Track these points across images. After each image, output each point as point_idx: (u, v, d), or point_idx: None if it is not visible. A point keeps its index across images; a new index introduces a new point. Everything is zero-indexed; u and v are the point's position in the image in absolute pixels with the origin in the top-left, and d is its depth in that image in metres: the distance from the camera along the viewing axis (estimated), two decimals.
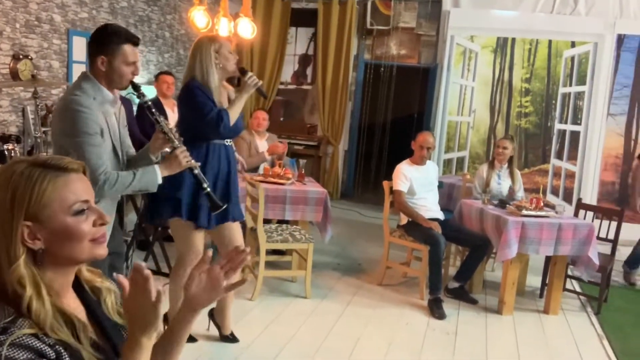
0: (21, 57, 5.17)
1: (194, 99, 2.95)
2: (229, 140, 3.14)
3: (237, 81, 3.13)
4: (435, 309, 4.09)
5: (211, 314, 3.44)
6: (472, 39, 7.38)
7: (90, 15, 6.05)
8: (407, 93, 8.15)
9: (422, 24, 7.76)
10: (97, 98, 2.32)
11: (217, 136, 3.04)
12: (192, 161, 2.48)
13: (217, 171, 3.06)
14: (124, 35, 2.36)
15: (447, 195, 5.49)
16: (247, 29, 5.25)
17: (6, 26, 5.02)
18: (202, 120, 2.94)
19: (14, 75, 5.13)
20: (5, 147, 3.65)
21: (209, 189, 2.59)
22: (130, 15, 6.75)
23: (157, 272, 4.39)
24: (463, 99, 7.55)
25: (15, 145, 3.75)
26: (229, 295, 3.32)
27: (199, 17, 5.12)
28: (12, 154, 3.67)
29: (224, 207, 2.71)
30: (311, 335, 3.56)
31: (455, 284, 4.44)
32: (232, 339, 3.42)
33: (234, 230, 3.23)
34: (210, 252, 1.37)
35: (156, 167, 2.40)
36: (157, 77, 5.40)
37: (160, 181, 2.41)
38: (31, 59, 5.28)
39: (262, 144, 5.23)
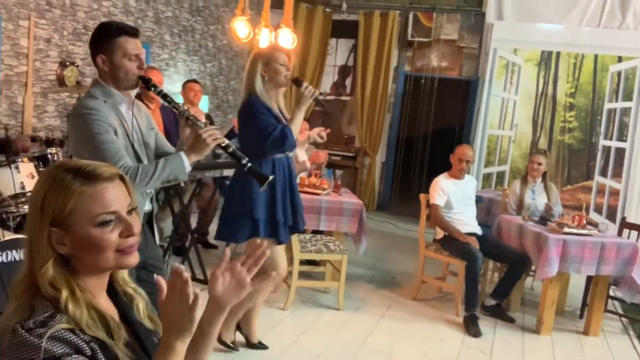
0: (68, 63, 5.32)
1: (256, 118, 2.93)
2: (289, 152, 3.12)
3: (293, 82, 3.11)
4: (470, 326, 4.00)
5: (238, 326, 3.40)
6: (515, 52, 7.26)
7: (135, 24, 6.19)
8: (447, 106, 8.06)
9: (464, 36, 7.68)
10: (108, 101, 2.22)
11: (280, 152, 3.03)
12: (220, 138, 2.25)
13: (284, 184, 3.04)
14: (117, 28, 2.21)
15: (486, 210, 5.39)
16: (288, 39, 5.27)
17: (55, 34, 5.18)
18: (266, 140, 2.92)
19: (61, 81, 5.29)
20: (48, 150, 3.74)
21: (249, 164, 2.35)
22: (175, 25, 6.89)
23: (192, 278, 4.41)
24: (505, 113, 7.43)
25: (59, 149, 3.84)
26: (255, 305, 3.32)
27: (240, 28, 5.17)
28: (55, 158, 3.76)
29: (271, 178, 2.47)
30: (343, 347, 3.52)
31: (492, 301, 4.34)
32: (261, 346, 3.40)
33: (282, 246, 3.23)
34: (228, 251, 1.37)
35: (181, 153, 2.24)
36: (184, 85, 5.41)
37: (188, 168, 2.24)
38: (77, 65, 5.44)
39: (301, 153, 5.23)
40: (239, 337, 3.41)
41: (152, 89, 2.26)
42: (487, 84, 7.06)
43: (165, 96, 2.28)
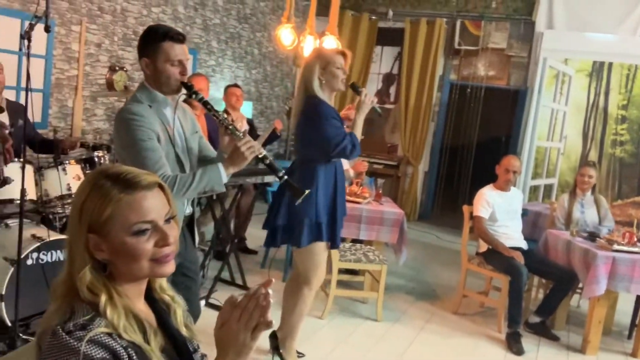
0: (117, 68, 5.43)
1: (326, 122, 2.86)
2: None
3: (351, 88, 3.08)
4: (513, 344, 3.87)
5: (273, 336, 3.36)
6: (566, 62, 7.07)
7: (184, 30, 6.30)
8: (494, 115, 7.89)
9: (513, 45, 7.52)
10: (153, 105, 2.23)
11: (341, 158, 3.02)
12: (259, 150, 2.25)
13: (332, 190, 2.99)
14: (163, 32, 2.20)
15: (532, 224, 5.23)
16: (332, 47, 5.26)
17: (105, 39, 5.31)
18: (335, 149, 2.87)
19: (110, 85, 5.40)
20: (95, 154, 3.82)
21: (285, 177, 2.37)
22: (222, 32, 6.98)
23: (231, 282, 4.44)
24: (554, 124, 7.23)
25: (106, 153, 3.92)
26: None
27: (285, 35, 5.19)
28: (102, 161, 3.84)
29: (307, 192, 2.49)
30: (380, 359, 3.46)
31: (536, 319, 4.19)
32: (298, 355, 3.36)
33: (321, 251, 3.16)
34: (236, 295, 1.25)
35: (219, 164, 2.22)
36: (225, 90, 5.44)
37: (225, 179, 2.23)
38: (126, 70, 5.55)
39: (345, 161, 5.20)
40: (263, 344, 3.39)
41: (194, 95, 2.25)
42: (536, 94, 6.86)
43: (206, 103, 2.28)
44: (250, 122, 5.57)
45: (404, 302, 4.58)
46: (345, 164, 5.17)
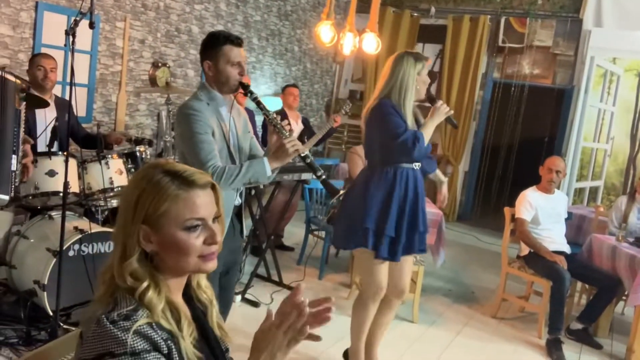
0: (160, 64, 5.53)
1: (387, 117, 2.78)
2: (417, 164, 2.92)
3: (427, 99, 2.98)
4: (553, 350, 3.77)
5: (345, 356, 3.28)
6: (614, 61, 6.84)
7: (225, 27, 6.35)
8: (538, 115, 7.71)
9: (559, 43, 7.31)
10: (211, 104, 2.42)
11: (407, 158, 2.85)
12: (300, 148, 2.39)
13: (403, 197, 2.86)
14: (223, 36, 2.42)
15: (576, 228, 5.09)
16: (372, 44, 5.22)
17: (149, 35, 5.39)
18: (394, 141, 2.76)
19: (152, 81, 5.50)
20: (137, 148, 3.87)
21: (323, 176, 2.43)
22: (263, 29, 7.01)
23: (267, 279, 4.45)
24: (601, 125, 7.01)
25: (147, 147, 3.97)
26: (378, 329, 3.15)
27: (324, 32, 5.17)
28: (143, 156, 3.89)
29: (342, 192, 2.57)
30: None
31: (578, 325, 4.07)
32: None
33: (406, 266, 3.04)
34: (303, 285, 1.31)
35: (264, 158, 2.39)
36: (284, 89, 5.55)
37: (269, 173, 2.37)
38: (169, 67, 5.63)
39: None
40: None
41: (249, 95, 2.44)
42: (583, 93, 6.66)
43: (259, 103, 2.45)
44: (305, 121, 5.60)
45: (441, 304, 4.51)
46: None
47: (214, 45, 2.41)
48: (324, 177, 2.43)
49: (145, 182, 1.21)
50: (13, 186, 2.34)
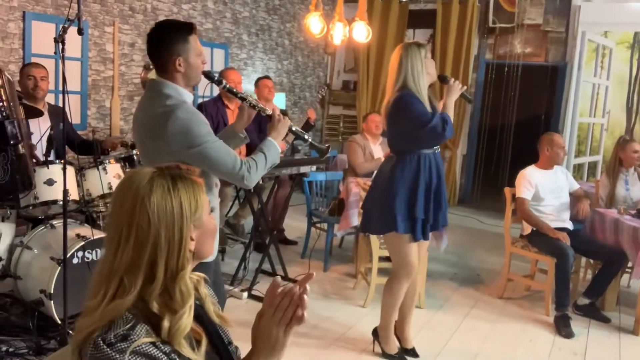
0: (151, 67, 5.50)
1: (412, 107, 2.88)
2: (437, 148, 3.06)
3: (439, 79, 3.08)
4: (562, 327, 3.78)
5: (375, 333, 3.35)
6: (605, 35, 6.83)
7: (214, 25, 6.33)
8: (533, 94, 7.69)
9: (550, 20, 7.29)
10: (187, 100, 2.18)
11: (437, 143, 3.01)
12: (288, 120, 2.41)
13: (429, 181, 3.00)
14: (185, 26, 2.17)
15: (578, 203, 5.08)
16: (362, 32, 5.20)
17: (138, 38, 5.37)
18: (424, 127, 2.86)
19: (145, 84, 5.48)
20: (134, 152, 3.87)
21: (310, 139, 2.51)
22: (252, 24, 6.98)
23: (272, 274, 4.46)
24: (596, 99, 7.00)
25: None
26: (407, 309, 3.28)
27: (314, 23, 5.15)
28: (140, 160, 3.88)
29: (328, 147, 2.69)
30: (424, 348, 3.41)
31: (585, 300, 4.08)
32: (413, 353, 3.32)
33: (424, 245, 3.22)
34: (278, 279, 1.29)
35: (270, 139, 2.32)
36: (257, 82, 5.43)
37: (279, 149, 2.35)
38: None
39: (377, 148, 5.16)
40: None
41: (217, 83, 2.33)
42: (576, 69, 6.65)
43: (230, 89, 2.36)
44: (284, 112, 5.56)
45: (447, 288, 4.52)
46: (379, 151, 5.13)
47: (181, 37, 2.13)
48: (310, 140, 2.52)
49: (174, 191, 1.17)
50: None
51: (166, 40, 2.14)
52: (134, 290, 1.13)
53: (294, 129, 2.45)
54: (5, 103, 2.21)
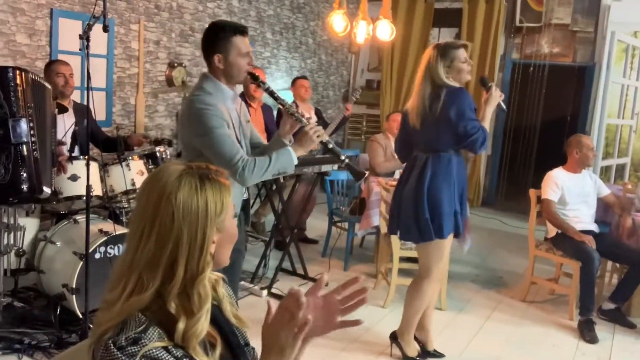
0: (175, 64, 5.55)
1: (465, 113, 2.84)
2: None
3: (480, 82, 3.05)
4: (586, 332, 3.71)
5: (393, 337, 3.30)
6: (635, 35, 6.67)
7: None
8: (560, 94, 7.56)
9: (578, 20, 7.16)
10: (218, 95, 2.37)
11: (470, 151, 3.00)
12: (324, 135, 2.43)
13: (462, 180, 3.02)
14: (232, 27, 2.37)
15: (604, 206, 4.96)
16: (386, 31, 5.17)
17: (163, 36, 5.42)
18: (466, 139, 2.85)
19: (169, 82, 5.52)
20: (157, 149, 3.90)
21: (347, 160, 2.50)
22: (276, 23, 6.99)
23: (292, 272, 4.46)
24: (625, 100, 6.86)
25: (167, 147, 3.99)
26: (429, 310, 3.24)
27: (337, 21, 5.13)
28: (164, 156, 3.91)
29: (366, 174, 2.68)
30: (445, 350, 3.37)
31: (610, 305, 4.00)
32: (436, 354, 3.30)
33: (449, 244, 3.16)
34: (325, 277, 1.27)
35: (289, 148, 2.40)
36: (293, 82, 5.51)
37: (295, 161, 2.40)
38: (184, 66, 5.65)
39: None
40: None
41: (261, 85, 2.43)
42: (605, 70, 6.51)
43: (272, 93, 2.44)
44: (318, 112, 5.58)
45: (468, 290, 4.47)
46: None
47: (224, 36, 2.35)
48: (347, 161, 2.48)
49: (200, 190, 1.17)
50: (53, 181, 2.40)
51: (210, 38, 2.39)
52: (152, 287, 1.12)
53: (330, 146, 2.45)
54: (21, 103, 2.22)
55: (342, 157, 2.48)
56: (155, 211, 1.14)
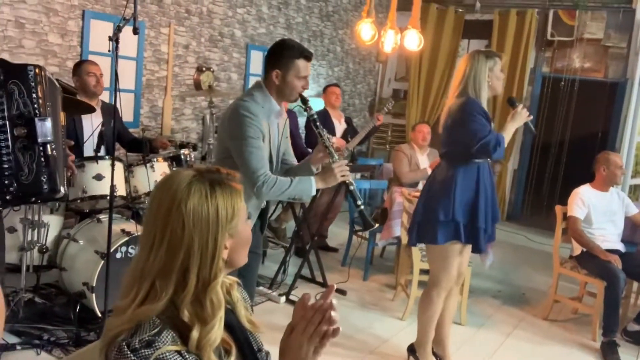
0: (204, 69, 5.60)
1: (473, 117, 2.82)
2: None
3: (508, 102, 3.01)
4: (609, 353, 3.61)
5: (411, 349, 3.27)
6: None
7: (267, 30, 6.38)
8: (590, 110, 7.42)
9: (611, 35, 7.04)
10: (265, 107, 2.43)
11: (482, 158, 2.93)
12: (349, 177, 2.48)
13: (487, 190, 2.96)
14: (299, 50, 2.45)
15: (631, 226, 4.85)
16: (414, 41, 5.14)
17: (192, 40, 5.47)
18: (476, 142, 2.82)
19: (197, 86, 5.57)
20: (182, 152, 3.93)
21: (362, 207, 2.54)
22: (305, 30, 7.01)
23: (311, 280, 4.44)
24: None
25: (192, 151, 4.02)
26: (446, 324, 3.21)
27: (365, 30, 5.12)
28: (188, 159, 3.94)
29: (376, 226, 2.72)
30: None
31: (635, 327, 3.89)
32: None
33: (467, 254, 3.12)
34: (309, 295, 1.22)
35: (312, 178, 2.44)
36: (325, 89, 5.53)
37: (314, 192, 2.45)
38: (213, 71, 5.70)
39: (423, 159, 5.08)
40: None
41: (308, 111, 2.50)
42: (637, 86, 6.37)
43: (314, 121, 2.49)
44: (348, 120, 5.57)
45: (489, 306, 4.39)
46: (425, 161, 5.05)
47: (289, 56, 2.43)
48: (362, 207, 2.53)
49: (210, 197, 1.16)
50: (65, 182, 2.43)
51: (276, 53, 2.46)
52: (165, 296, 1.12)
53: (351, 188, 2.50)
54: (42, 101, 2.25)
55: (359, 202, 2.52)
56: (165, 220, 1.13)
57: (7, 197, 2.13)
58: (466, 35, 7.87)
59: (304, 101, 2.52)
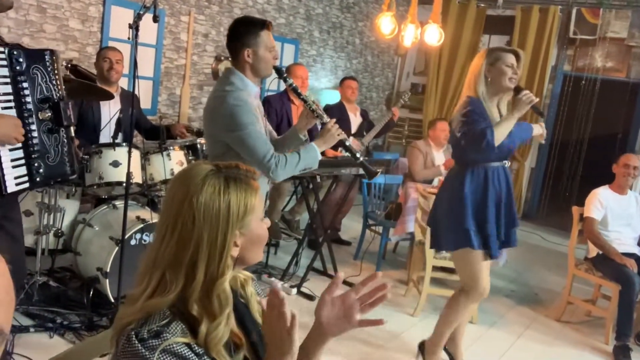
0: (222, 58, 5.60)
1: (467, 118, 2.74)
2: (507, 161, 2.90)
3: (514, 91, 2.86)
4: (621, 358, 3.58)
5: (422, 346, 3.24)
6: None
7: (287, 21, 6.36)
8: (611, 110, 7.31)
9: (635, 35, 6.92)
10: (246, 90, 2.39)
11: (484, 156, 2.77)
12: (343, 134, 2.51)
13: (499, 195, 2.84)
14: (260, 22, 2.40)
15: None
16: (434, 35, 5.10)
17: (212, 29, 5.47)
18: (462, 139, 2.75)
19: (215, 75, 5.58)
20: (198, 140, 3.93)
21: (361, 159, 2.58)
22: (324, 21, 6.98)
23: (323, 272, 4.44)
24: None
25: None
26: (461, 324, 3.16)
27: (385, 23, 5.09)
28: (204, 148, 3.94)
29: (379, 172, 2.70)
30: None
31: None
32: None
33: (488, 263, 3.02)
34: (342, 275, 1.27)
35: (313, 144, 2.46)
36: (342, 82, 5.49)
37: (320, 157, 2.47)
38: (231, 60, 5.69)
39: (439, 155, 5.04)
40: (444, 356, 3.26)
41: (284, 80, 2.49)
42: None
43: (295, 89, 2.50)
44: (363, 113, 5.51)
45: (502, 305, 4.37)
46: (441, 158, 5.01)
47: (253, 31, 2.37)
48: (361, 159, 2.57)
49: (223, 190, 1.15)
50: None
51: (239, 33, 2.39)
52: (175, 289, 1.12)
53: (347, 143, 2.54)
54: (61, 85, 2.28)
55: (357, 155, 2.56)
56: (177, 212, 1.14)
57: (37, 179, 2.18)
58: (487, 30, 7.79)
59: (279, 72, 2.47)
